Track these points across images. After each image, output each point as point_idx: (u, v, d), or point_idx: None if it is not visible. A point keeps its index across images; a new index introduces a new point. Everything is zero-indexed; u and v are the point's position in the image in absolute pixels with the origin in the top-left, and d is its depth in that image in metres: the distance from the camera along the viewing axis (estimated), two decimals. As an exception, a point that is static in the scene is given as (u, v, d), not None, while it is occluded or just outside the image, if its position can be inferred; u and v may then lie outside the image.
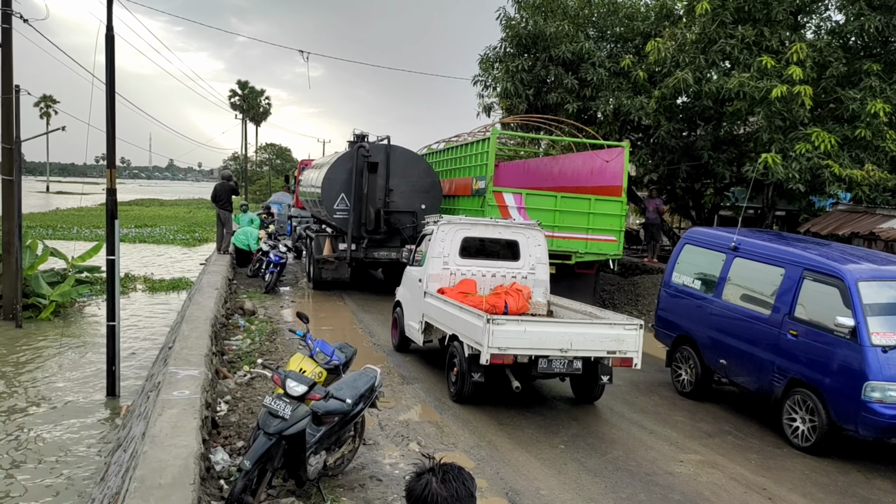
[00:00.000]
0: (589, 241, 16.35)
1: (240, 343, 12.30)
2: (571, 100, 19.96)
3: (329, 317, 15.46)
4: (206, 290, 14.65)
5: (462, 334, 9.48)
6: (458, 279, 11.29)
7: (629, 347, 9.16)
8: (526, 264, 11.41)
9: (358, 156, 17.97)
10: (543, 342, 8.94)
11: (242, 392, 9.39)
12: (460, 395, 9.65)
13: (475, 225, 11.44)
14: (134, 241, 37.27)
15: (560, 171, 19.35)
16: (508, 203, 16.08)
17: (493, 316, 8.91)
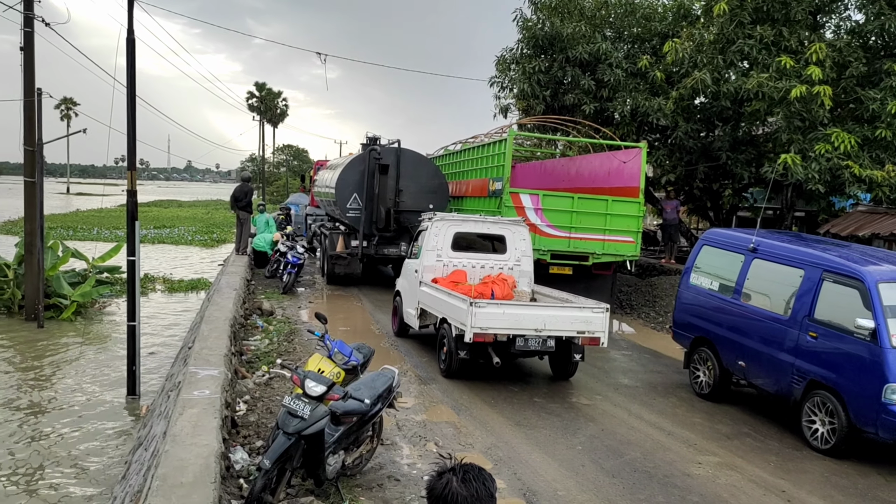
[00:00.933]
0: (606, 242, 16.32)
1: (258, 343, 12.38)
2: (588, 101, 19.93)
3: (346, 317, 15.52)
4: (224, 290, 14.75)
5: (450, 317, 10.66)
6: (451, 270, 12.39)
7: (596, 328, 10.31)
8: (512, 257, 12.54)
9: (370, 158, 19.00)
10: (520, 323, 10.11)
11: (261, 392, 9.45)
12: (448, 371, 10.81)
13: (465, 221, 12.67)
14: (153, 242, 37.57)
15: (577, 172, 19.31)
16: (525, 204, 16.08)
17: (475, 300, 10.08)
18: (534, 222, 16.10)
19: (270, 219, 23.32)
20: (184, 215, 60.77)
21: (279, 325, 13.94)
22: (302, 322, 14.44)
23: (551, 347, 10.33)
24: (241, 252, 21.50)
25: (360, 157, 19.29)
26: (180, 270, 27.88)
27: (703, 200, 22.19)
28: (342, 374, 7.40)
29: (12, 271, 19.17)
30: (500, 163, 16.92)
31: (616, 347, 14.32)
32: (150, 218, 52.82)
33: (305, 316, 15.25)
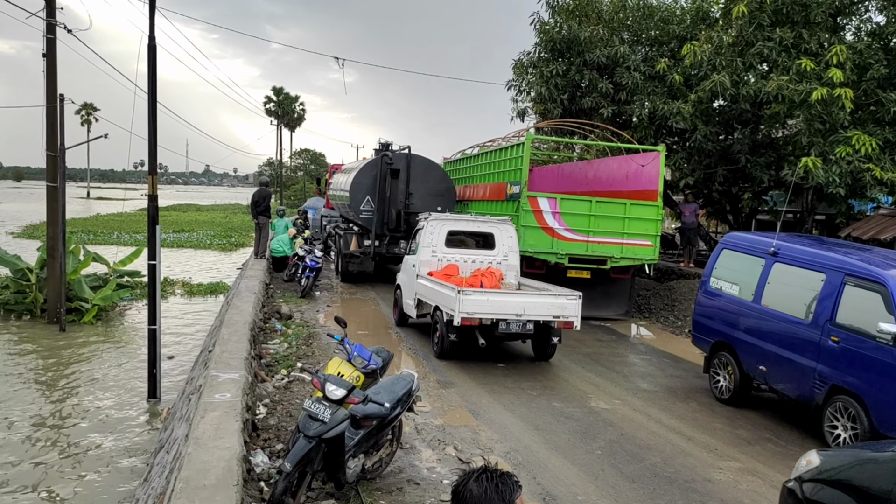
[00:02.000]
0: (624, 246, 16.29)
1: (277, 347, 12.45)
2: (606, 104, 19.88)
3: (364, 321, 15.57)
4: (244, 294, 14.85)
5: (442, 305, 12.06)
6: (444, 264, 13.73)
7: (570, 313, 11.80)
8: (500, 252, 13.86)
9: (382, 163, 20.02)
10: (502, 308, 11.54)
11: (280, 395, 9.51)
12: (441, 352, 12.23)
13: (458, 220, 14.09)
14: (172, 246, 37.85)
15: (595, 175, 19.29)
16: (543, 208, 16.09)
17: (462, 288, 11.55)
18: (551, 226, 16.10)
19: (289, 223, 23.44)
20: (202, 219, 61.17)
21: (298, 328, 14.01)
22: (320, 325, 14.51)
23: (530, 330, 11.74)
24: (260, 256, 21.64)
25: (373, 162, 20.37)
26: (199, 274, 28.07)
27: (722, 204, 22.06)
28: (362, 378, 7.43)
29: (34, 275, 19.40)
30: (518, 166, 16.94)
31: (635, 352, 14.27)
32: (170, 222, 53.23)
33: (324, 319, 15.32)
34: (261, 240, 21.60)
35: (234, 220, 60.66)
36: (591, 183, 19.18)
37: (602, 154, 20.71)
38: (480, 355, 12.61)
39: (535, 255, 16.05)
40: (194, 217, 64.72)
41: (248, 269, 20.49)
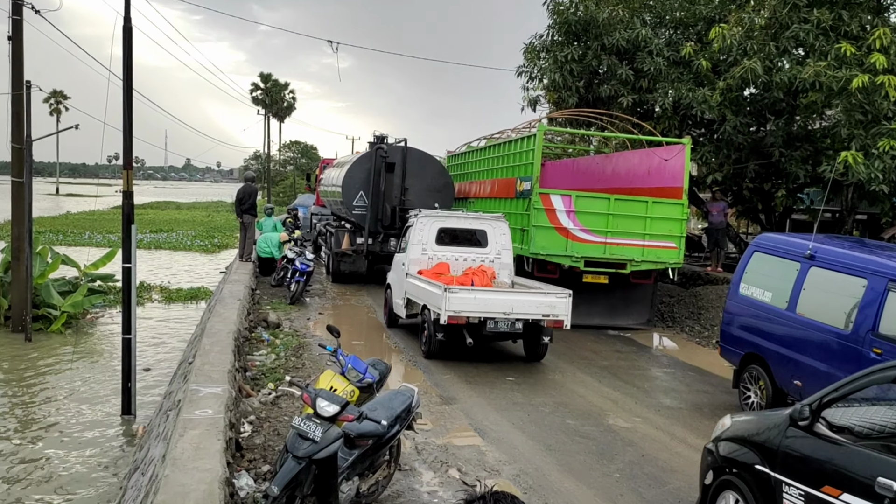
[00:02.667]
0: (646, 248, 16.29)
1: (264, 358, 12.46)
2: (626, 92, 19.88)
3: (359, 330, 15.56)
4: (227, 300, 14.87)
5: (430, 304, 12.81)
6: (435, 263, 14.47)
7: (560, 312, 12.57)
8: (493, 250, 14.58)
9: (376, 156, 20.64)
10: (490, 307, 12.33)
11: (267, 412, 9.52)
12: (429, 352, 13.05)
13: (449, 217, 14.92)
14: (149, 247, 37.92)
15: (614, 170, 19.30)
16: (556, 206, 16.10)
17: (449, 286, 12.29)
18: (566, 226, 16.12)
19: (278, 223, 23.46)
20: (182, 218, 61.32)
21: (286, 338, 14.03)
22: (311, 335, 14.54)
23: (519, 329, 12.53)
24: (245, 258, 21.66)
25: (367, 156, 21.05)
26: (179, 278, 28.13)
27: (754, 202, 22.03)
28: (356, 393, 7.44)
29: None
30: (529, 160, 16.95)
31: (657, 364, 14.27)
32: (147, 221, 53.35)
33: (315, 328, 15.35)
34: (246, 241, 21.63)
35: (218, 220, 60.79)
36: (609, 179, 19.18)
37: (622, 147, 20.71)
38: (490, 370, 12.62)
39: (547, 257, 16.08)
40: (173, 216, 64.89)
41: (232, 272, 20.53)
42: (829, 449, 5.49)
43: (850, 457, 5.32)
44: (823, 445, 5.54)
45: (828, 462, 5.44)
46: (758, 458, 6.03)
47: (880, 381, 5.72)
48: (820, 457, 5.52)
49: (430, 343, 13.02)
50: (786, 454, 5.80)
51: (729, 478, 6.29)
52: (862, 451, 5.30)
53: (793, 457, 5.74)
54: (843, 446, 5.42)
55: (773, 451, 5.91)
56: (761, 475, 5.96)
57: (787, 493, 5.70)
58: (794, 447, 5.76)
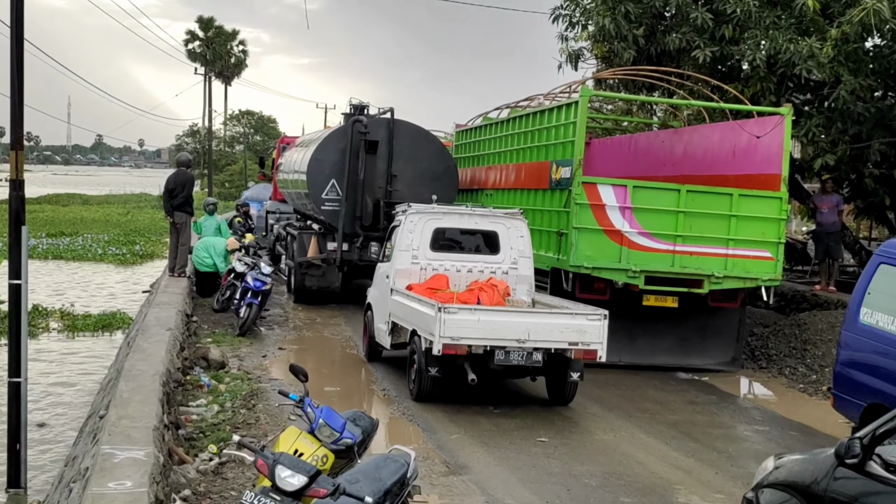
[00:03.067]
0: (730, 259, 16.25)
1: (203, 411, 12.46)
2: (702, 43, 19.86)
3: (334, 371, 15.58)
4: (152, 330, 14.89)
5: (420, 328, 13.10)
6: (430, 275, 14.67)
7: (592, 339, 12.78)
8: (506, 258, 14.85)
9: (353, 132, 20.81)
10: (499, 332, 12.52)
11: (208, 484, 9.51)
12: (419, 393, 13.33)
13: (448, 214, 15.13)
14: (45, 258, 37.92)
15: (685, 151, 19.28)
16: (606, 200, 16.08)
17: (444, 304, 12.49)
18: (619, 228, 16.10)
19: (223, 223, 23.48)
20: (92, 217, 61.38)
21: (235, 382, 14.03)
22: (269, 379, 14.55)
23: (538, 362, 12.74)
24: (178, 273, 21.68)
25: (341, 132, 21.36)
26: (87, 300, 28.12)
27: (879, 195, 21.95)
28: (330, 458, 7.43)
29: None
30: (569, 137, 16.94)
31: (746, 419, 14.21)
32: (42, 221, 53.40)
33: (274, 368, 15.37)
34: (178, 248, 21.65)
35: (140, 219, 60.88)
36: (679, 163, 19.16)
37: (696, 120, 20.69)
38: (511, 424, 12.59)
39: (593, 272, 16.02)
40: (79, 213, 64.97)
41: (159, 291, 20.56)
42: (885, 493, 5.80)
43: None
44: (877, 488, 5.85)
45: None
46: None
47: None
48: (873, 502, 5.87)
49: (420, 381, 13.26)
50: (833, 499, 6.17)
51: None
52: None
53: (840, 503, 6.13)
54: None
55: (820, 496, 6.31)
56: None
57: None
58: (842, 491, 6.16)
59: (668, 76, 19.94)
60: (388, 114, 21.55)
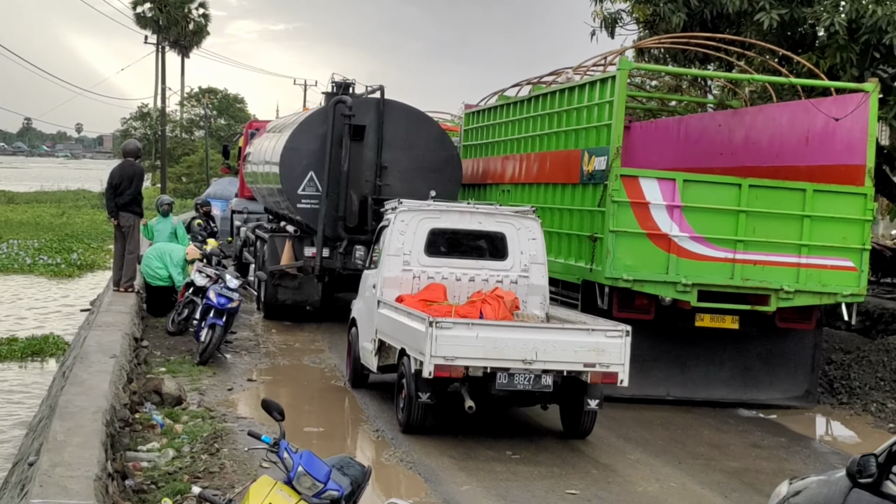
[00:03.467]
0: (803, 270, 16.22)
1: (156, 456, 12.43)
2: (768, 5, 19.88)
3: (317, 408, 15.58)
4: (93, 358, 14.88)
5: (409, 346, 13.44)
6: (424, 284, 15.14)
7: (612, 360, 13.04)
8: (516, 264, 15.30)
9: (335, 116, 21.00)
10: (501, 351, 12.85)
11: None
12: (409, 424, 13.71)
13: (446, 212, 15.52)
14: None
15: (747, 137, 19.25)
16: (650, 198, 16.07)
17: (436, 318, 12.77)
18: (666, 231, 16.09)
19: (180, 227, 23.46)
20: (18, 219, 61.41)
21: (194, 422, 14.02)
22: (237, 417, 14.55)
23: (548, 387, 13.10)
24: (125, 287, 21.68)
25: (320, 115, 21.74)
26: (12, 321, 28.15)
27: None
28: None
29: None
30: (603, 120, 16.94)
31: (823, 466, 14.17)
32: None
33: (243, 405, 15.41)
34: (125, 257, 21.65)
35: (78, 221, 60.86)
36: (738, 152, 19.13)
37: (761, 98, 20.67)
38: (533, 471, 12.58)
39: (634, 285, 15.99)
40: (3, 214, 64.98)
41: (101, 310, 20.55)
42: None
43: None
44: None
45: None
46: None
47: None
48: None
49: (409, 409, 13.62)
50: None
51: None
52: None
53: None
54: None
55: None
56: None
57: None
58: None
59: (725, 45, 19.96)
60: (377, 93, 21.78)
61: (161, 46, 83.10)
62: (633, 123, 22.93)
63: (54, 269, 39.34)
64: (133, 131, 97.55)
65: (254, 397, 15.76)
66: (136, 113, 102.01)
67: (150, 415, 14.26)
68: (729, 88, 23.54)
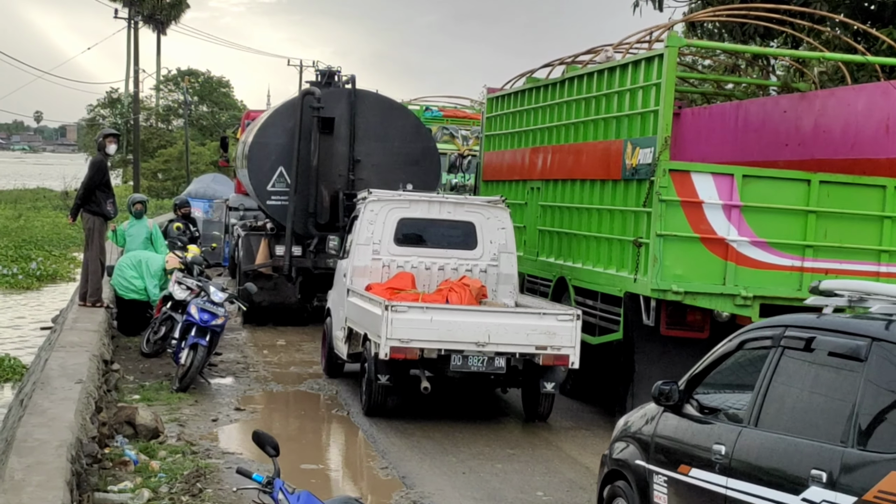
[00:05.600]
0: (883, 280, 16.16)
1: (129, 498, 12.43)
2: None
3: (317, 442, 15.61)
4: (56, 383, 14.91)
5: (370, 331, 15.78)
6: (394, 273, 17.54)
7: (563, 343, 15.48)
8: (485, 253, 17.78)
9: (304, 107, 22.76)
10: (455, 334, 15.15)
11: None
12: (369, 406, 16.27)
13: (415, 202, 17.86)
14: None
15: (817, 125, 19.19)
16: (704, 196, 16.04)
17: (392, 302, 15.14)
18: (723, 236, 16.06)
19: (156, 231, 23.47)
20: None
21: (173, 457, 14.03)
22: (223, 452, 14.60)
23: (501, 369, 15.51)
24: (92, 301, 21.70)
25: (289, 107, 23.63)
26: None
27: None
28: (312, 567, 7.42)
29: None
30: (649, 106, 16.92)
31: None
32: None
33: (230, 438, 15.47)
34: (91, 267, 21.66)
35: (38, 225, 61.11)
36: (807, 143, 19.07)
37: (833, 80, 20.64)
38: None
39: (685, 298, 15.92)
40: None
41: (65, 328, 20.59)
42: (688, 428, 9.28)
43: (696, 432, 9.18)
44: (685, 426, 9.34)
45: (684, 442, 9.27)
46: (638, 453, 9.93)
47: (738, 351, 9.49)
48: (680, 438, 9.34)
49: (370, 391, 16.07)
50: (656, 443, 9.65)
51: (618, 484, 10.30)
52: (705, 423, 9.16)
53: (660, 444, 9.60)
54: (695, 423, 9.26)
55: (648, 442, 9.81)
56: (639, 470, 9.84)
57: (656, 483, 9.55)
58: (662, 433, 9.63)
59: (791, 18, 19.95)
60: (348, 83, 23.45)
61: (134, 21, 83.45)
62: (684, 110, 22.82)
63: (10, 281, 39.43)
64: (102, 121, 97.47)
65: (243, 429, 15.79)
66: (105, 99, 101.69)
67: (122, 449, 14.25)
68: (795, 69, 23.50)
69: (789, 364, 8.75)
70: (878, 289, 9.23)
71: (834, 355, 8.30)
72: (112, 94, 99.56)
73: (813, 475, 7.77)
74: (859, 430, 7.73)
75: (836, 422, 7.96)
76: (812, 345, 8.52)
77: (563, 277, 19.19)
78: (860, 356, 8.00)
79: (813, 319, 9.03)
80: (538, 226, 21.02)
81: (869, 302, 8.85)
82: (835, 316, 8.96)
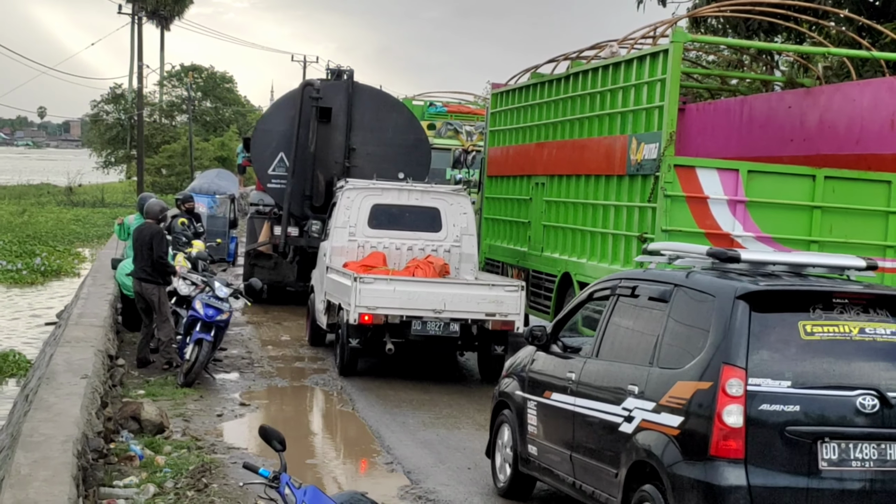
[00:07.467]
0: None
1: (134, 493, 12.42)
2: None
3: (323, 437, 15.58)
4: (61, 378, 14.88)
5: (343, 301, 18.18)
6: (368, 252, 20.12)
7: (510, 310, 18.07)
8: (449, 235, 20.45)
9: (304, 99, 24.45)
10: (415, 302, 17.71)
11: None
12: (342, 367, 18.90)
13: (387, 190, 20.47)
14: None
15: (822, 120, 19.18)
16: (709, 191, 16.03)
17: (359, 275, 17.64)
18: (728, 231, 16.05)
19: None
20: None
21: (179, 453, 14.03)
22: (228, 447, 14.60)
23: (455, 333, 17.98)
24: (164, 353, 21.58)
25: (290, 99, 24.92)
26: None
27: None
28: (319, 563, 7.42)
29: None
30: (654, 101, 16.90)
31: None
32: None
33: (235, 433, 15.48)
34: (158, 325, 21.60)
35: (42, 220, 60.95)
36: (812, 138, 19.06)
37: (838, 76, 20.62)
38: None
39: (691, 294, 15.97)
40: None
41: (70, 323, 20.55)
42: (551, 362, 11.80)
43: (556, 365, 11.65)
44: (550, 361, 11.84)
45: (548, 374, 11.76)
46: (517, 386, 12.41)
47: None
48: (546, 371, 11.83)
49: (342, 353, 18.76)
50: (530, 377, 12.12)
51: (504, 413, 12.78)
52: (563, 358, 11.65)
53: (532, 378, 12.08)
54: (557, 358, 11.74)
55: (524, 377, 12.27)
56: (518, 400, 12.31)
57: (529, 408, 11.99)
58: (534, 369, 12.11)
59: (796, 13, 19.92)
60: (346, 76, 24.66)
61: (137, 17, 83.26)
62: (689, 105, 22.81)
63: (14, 276, 39.39)
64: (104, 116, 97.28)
65: (247, 424, 15.79)
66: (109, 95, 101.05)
67: (127, 445, 14.24)
68: (800, 64, 23.49)
69: (621, 308, 11.25)
70: (688, 248, 11.58)
71: (651, 299, 10.76)
72: (116, 90, 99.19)
73: (629, 389, 10.20)
74: (660, 353, 10.09)
75: (647, 349, 10.33)
76: (636, 291, 11.03)
77: (568, 273, 19.28)
78: (666, 298, 10.43)
79: (639, 273, 11.93)
80: (543, 221, 21.06)
81: (683, 260, 11.21)
82: (654, 270, 11.72)
